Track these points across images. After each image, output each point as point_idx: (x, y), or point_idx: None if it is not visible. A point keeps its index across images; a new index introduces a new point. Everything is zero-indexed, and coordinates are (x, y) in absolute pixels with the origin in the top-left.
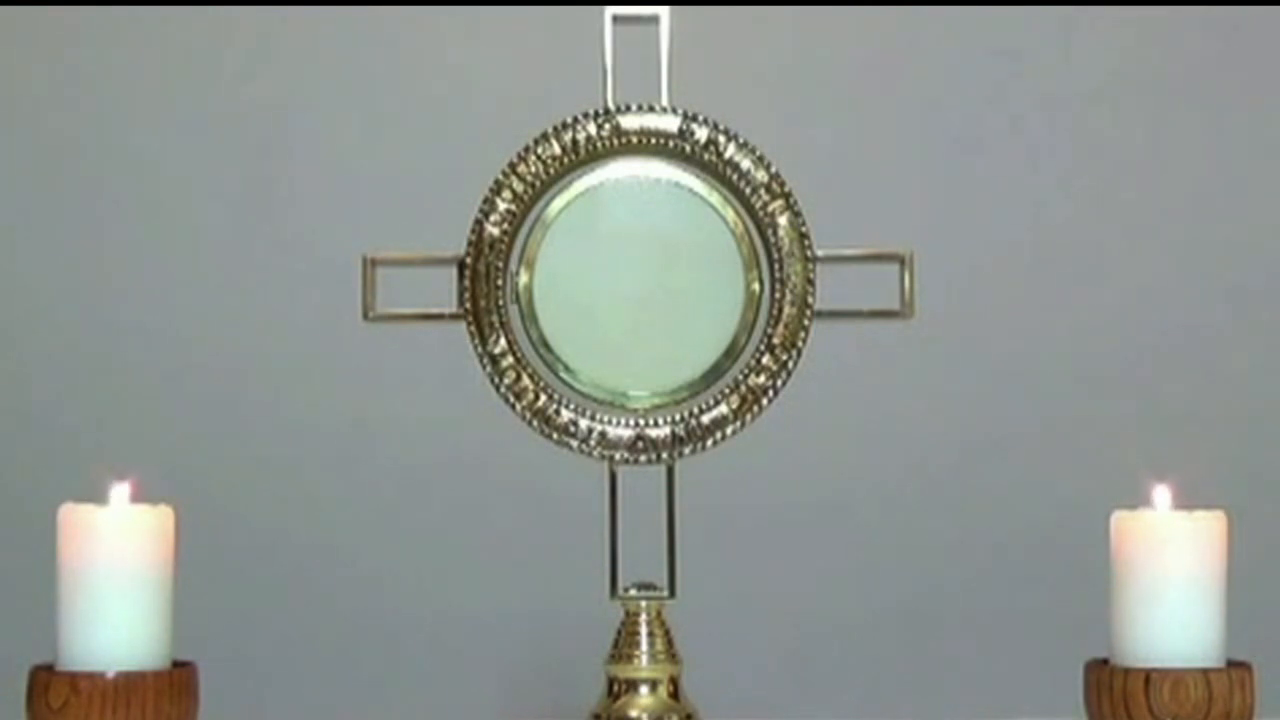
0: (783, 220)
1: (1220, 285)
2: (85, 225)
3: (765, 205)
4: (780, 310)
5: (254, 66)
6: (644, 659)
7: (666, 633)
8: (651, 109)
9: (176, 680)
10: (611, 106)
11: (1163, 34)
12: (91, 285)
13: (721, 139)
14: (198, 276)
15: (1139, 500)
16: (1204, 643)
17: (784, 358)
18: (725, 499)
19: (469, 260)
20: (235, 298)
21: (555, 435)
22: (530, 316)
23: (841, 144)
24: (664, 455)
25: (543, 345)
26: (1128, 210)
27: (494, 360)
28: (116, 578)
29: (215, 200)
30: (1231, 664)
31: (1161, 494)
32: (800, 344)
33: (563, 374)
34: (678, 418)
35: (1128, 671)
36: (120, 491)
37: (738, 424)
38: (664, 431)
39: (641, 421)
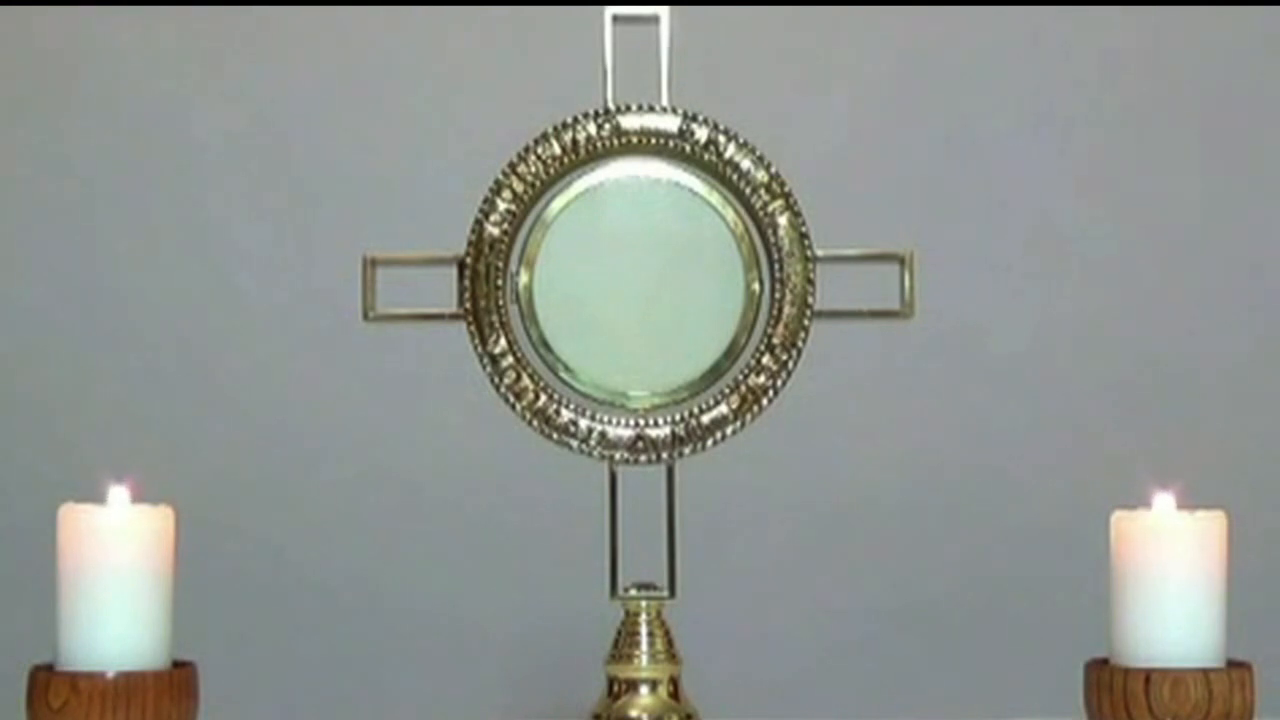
0: (783, 220)
1: (1221, 285)
2: (85, 226)
3: (765, 205)
4: (780, 310)
5: (254, 66)
6: (644, 659)
7: (666, 633)
8: (651, 109)
9: (176, 680)
10: (611, 106)
11: (1167, 34)
12: (92, 286)
13: (721, 139)
14: (198, 277)
15: (1139, 500)
16: (1204, 643)
17: (784, 358)
18: (725, 499)
19: (469, 260)
20: (235, 298)
21: (555, 435)
22: (530, 316)
23: (841, 144)
24: (664, 455)
25: (543, 345)
26: (1129, 211)
27: (494, 360)
28: (116, 578)
29: (215, 200)
30: (1231, 664)
31: (1162, 496)
32: (800, 344)
33: (563, 374)
34: (678, 418)
35: (1128, 671)
36: (120, 492)
37: (738, 424)
38: (664, 431)
39: (641, 421)
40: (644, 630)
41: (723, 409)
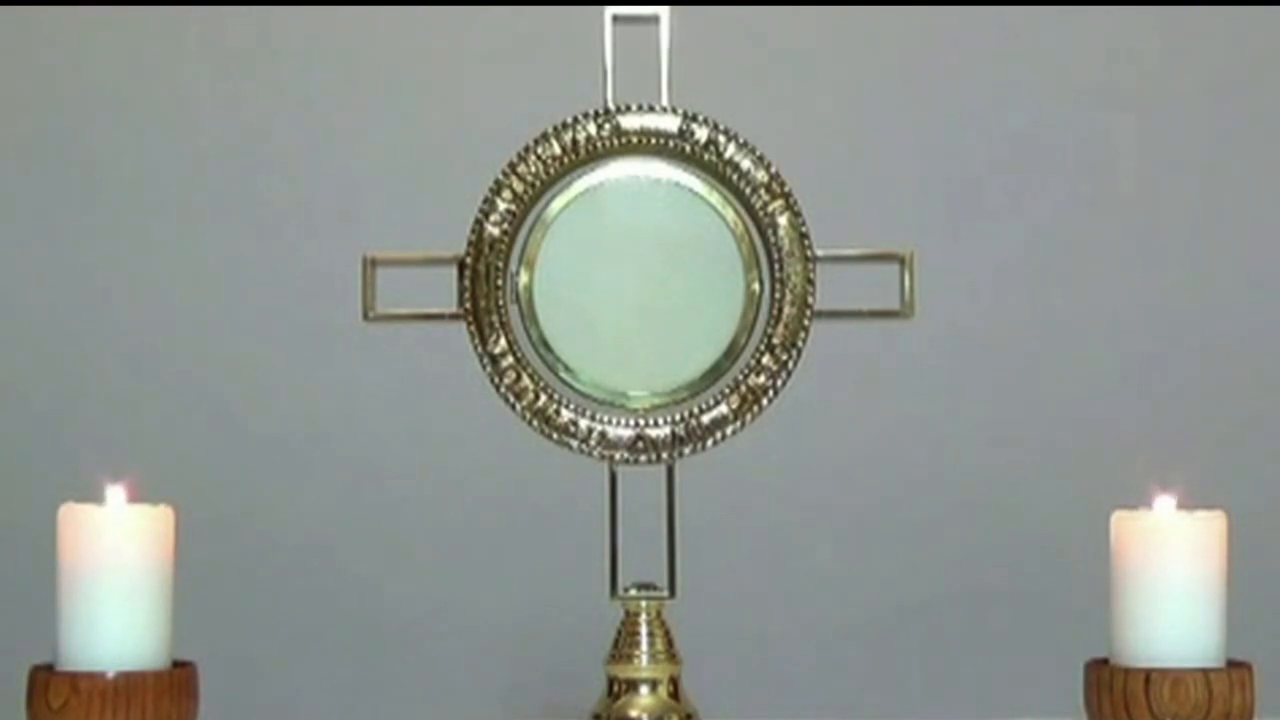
0: (783, 220)
1: (1221, 285)
2: (85, 226)
3: (765, 205)
4: (780, 310)
5: (254, 66)
6: (644, 659)
7: (666, 633)
8: (651, 109)
9: (176, 680)
10: (611, 106)
11: (1166, 35)
12: (92, 286)
13: (721, 139)
14: (198, 277)
15: (1139, 500)
16: (1204, 643)
17: (784, 358)
18: (725, 499)
19: (469, 260)
20: (235, 298)
21: (555, 435)
22: (530, 316)
23: (841, 144)
24: (664, 455)
25: (543, 345)
26: (1129, 211)
27: (494, 360)
28: (116, 578)
29: (215, 200)
30: (1231, 664)
31: (1162, 496)
32: (800, 344)
33: (563, 374)
34: (678, 418)
35: (1128, 671)
36: (119, 491)
37: (738, 424)
38: (664, 431)
39: (641, 421)
40: (644, 630)
41: (723, 409)
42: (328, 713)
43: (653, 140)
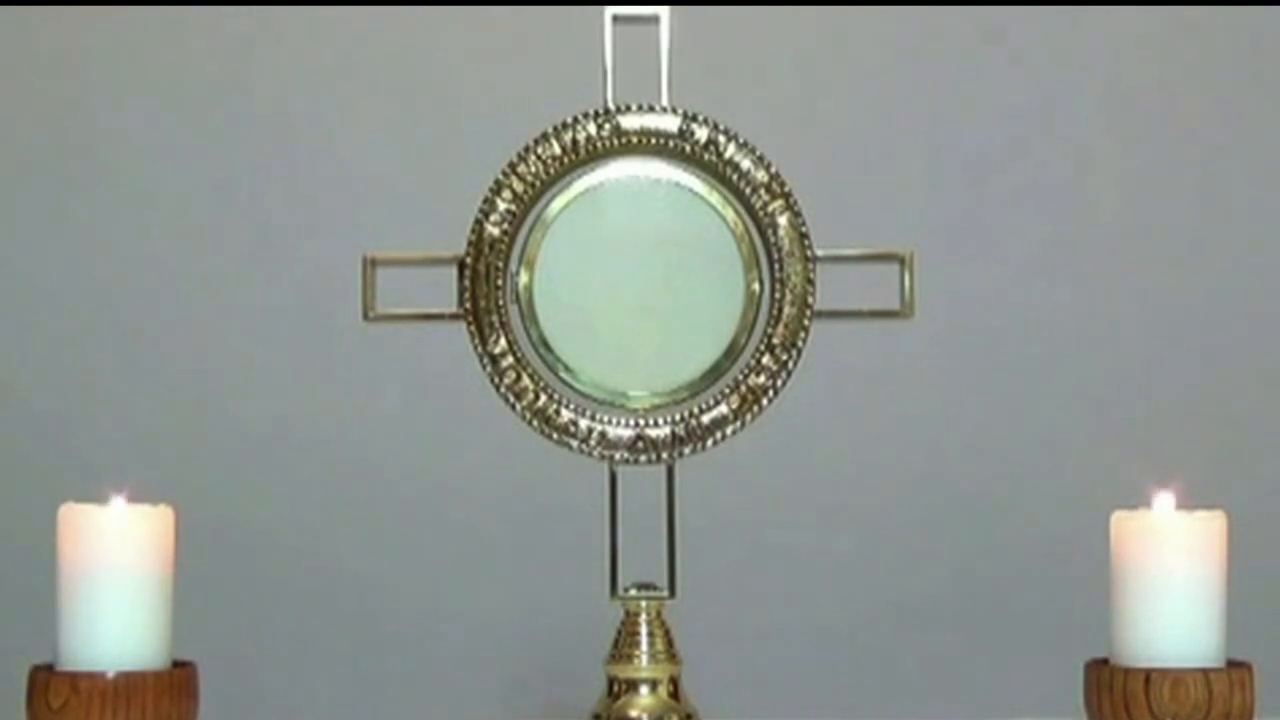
0: (783, 220)
1: (1220, 285)
2: (85, 226)
3: (765, 205)
4: (780, 310)
5: (253, 66)
6: (644, 659)
7: (666, 633)
8: (651, 109)
9: (176, 680)
10: (611, 106)
11: (1167, 35)
12: (92, 285)
13: (721, 139)
14: (198, 276)
15: (1139, 500)
16: (1204, 643)
17: (784, 358)
18: (725, 499)
19: (469, 260)
20: (236, 297)
21: (555, 435)
22: (530, 316)
23: (841, 144)
24: (664, 455)
25: (543, 345)
26: (1128, 211)
27: (494, 360)
28: (116, 578)
29: (215, 200)
30: (1231, 664)
31: (1162, 496)
32: (800, 344)
33: (563, 374)
34: (678, 418)
35: (1128, 671)
36: (121, 502)
37: (738, 424)
38: (664, 431)
39: (641, 421)
40: (644, 630)
41: (723, 409)
42: (328, 713)
43: (653, 140)
